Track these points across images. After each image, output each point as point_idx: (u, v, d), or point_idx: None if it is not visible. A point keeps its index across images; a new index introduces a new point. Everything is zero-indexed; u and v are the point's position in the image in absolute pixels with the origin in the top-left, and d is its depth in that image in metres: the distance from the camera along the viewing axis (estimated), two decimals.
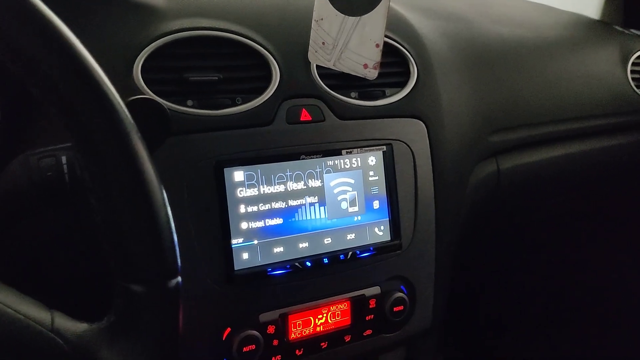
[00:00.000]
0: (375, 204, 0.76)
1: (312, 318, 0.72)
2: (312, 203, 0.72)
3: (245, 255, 0.68)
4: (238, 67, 0.70)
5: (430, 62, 0.84)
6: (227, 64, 0.69)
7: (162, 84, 0.65)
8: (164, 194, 0.43)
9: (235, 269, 0.67)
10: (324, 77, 0.74)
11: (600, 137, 1.12)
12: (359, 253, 0.74)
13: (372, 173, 0.75)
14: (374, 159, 0.75)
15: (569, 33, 1.17)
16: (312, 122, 0.72)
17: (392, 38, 0.80)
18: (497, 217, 1.16)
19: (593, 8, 1.31)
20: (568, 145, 1.07)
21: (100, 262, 0.45)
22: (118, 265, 0.42)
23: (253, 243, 0.68)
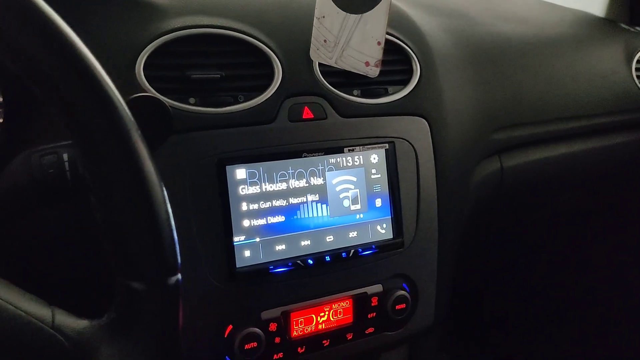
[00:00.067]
0: (378, 202, 0.75)
1: (314, 316, 0.72)
2: (314, 201, 0.72)
3: (247, 253, 0.68)
4: (240, 64, 0.70)
5: (433, 59, 0.84)
6: (229, 62, 0.69)
7: (164, 82, 0.66)
8: (164, 192, 0.43)
9: (237, 267, 0.67)
10: (327, 74, 0.74)
11: (605, 135, 1.12)
12: (361, 251, 0.74)
13: (374, 171, 0.75)
14: (377, 157, 0.75)
15: (574, 30, 1.16)
16: (314, 119, 0.72)
17: (394, 35, 0.80)
18: (500, 215, 1.15)
19: (598, 5, 1.30)
20: (572, 144, 1.07)
21: (101, 259, 0.46)
22: (118, 263, 0.42)
23: (255, 241, 0.68)
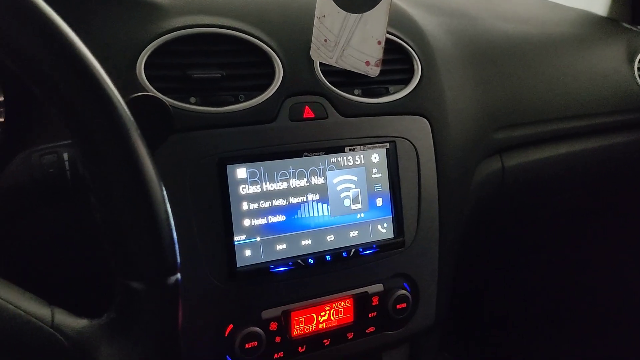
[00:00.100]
0: (379, 201, 0.75)
1: (314, 315, 0.72)
2: (314, 200, 0.71)
3: (248, 252, 0.68)
4: (241, 64, 0.70)
5: (434, 58, 0.84)
6: (230, 61, 0.69)
7: (165, 81, 0.66)
8: (164, 192, 0.43)
9: (238, 266, 0.67)
10: (327, 74, 0.74)
11: (606, 134, 1.11)
12: (362, 250, 0.74)
13: (375, 170, 0.75)
14: (377, 157, 0.75)
15: (575, 30, 1.16)
16: (315, 119, 0.72)
17: (395, 34, 0.80)
18: (501, 214, 1.15)
19: (600, 5, 1.29)
20: (573, 143, 1.07)
21: (101, 259, 0.46)
22: (118, 263, 0.42)
23: (255, 240, 0.68)
